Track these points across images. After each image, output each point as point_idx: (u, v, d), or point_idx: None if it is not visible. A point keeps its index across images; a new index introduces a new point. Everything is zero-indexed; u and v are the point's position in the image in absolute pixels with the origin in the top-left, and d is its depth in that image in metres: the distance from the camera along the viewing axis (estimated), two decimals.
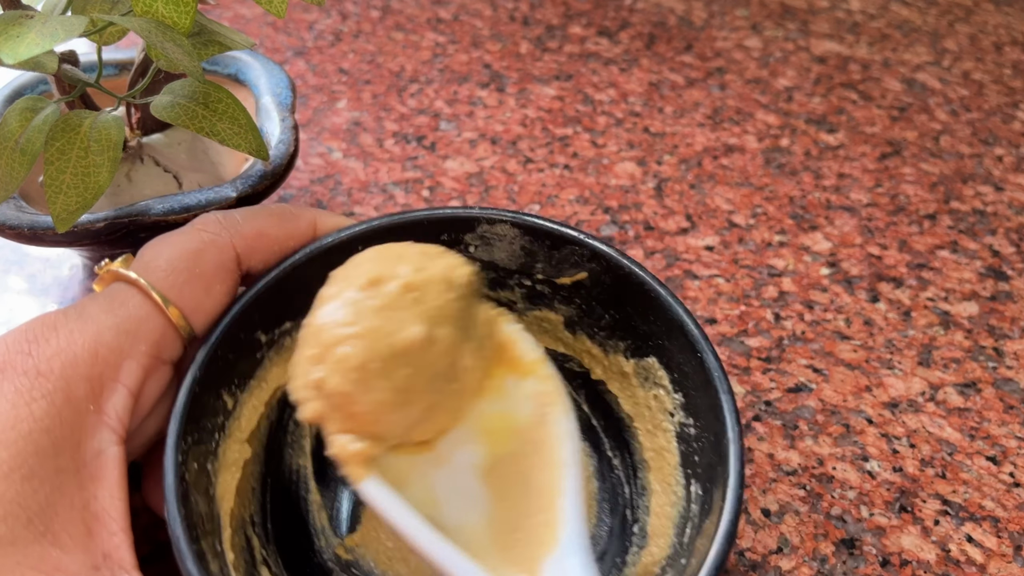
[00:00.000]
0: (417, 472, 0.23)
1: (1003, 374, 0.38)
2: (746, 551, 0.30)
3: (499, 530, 0.22)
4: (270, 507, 0.27)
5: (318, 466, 0.29)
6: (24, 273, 0.39)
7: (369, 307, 0.21)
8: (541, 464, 0.23)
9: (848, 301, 0.41)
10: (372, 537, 0.28)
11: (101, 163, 0.28)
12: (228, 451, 0.25)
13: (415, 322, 0.21)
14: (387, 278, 0.22)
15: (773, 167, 0.49)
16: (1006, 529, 0.31)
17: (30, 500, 0.20)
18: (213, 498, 0.24)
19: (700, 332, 0.25)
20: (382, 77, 0.55)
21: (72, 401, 0.22)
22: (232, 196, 0.32)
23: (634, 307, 0.27)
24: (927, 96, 0.57)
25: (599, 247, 0.27)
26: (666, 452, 0.27)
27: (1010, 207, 0.48)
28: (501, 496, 0.23)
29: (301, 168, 0.46)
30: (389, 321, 0.21)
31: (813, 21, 0.65)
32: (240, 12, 0.60)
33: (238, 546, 0.24)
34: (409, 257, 0.23)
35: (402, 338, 0.21)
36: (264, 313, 0.27)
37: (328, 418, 0.21)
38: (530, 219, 0.28)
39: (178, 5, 0.27)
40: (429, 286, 0.22)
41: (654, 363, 0.27)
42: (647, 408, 0.28)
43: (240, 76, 0.40)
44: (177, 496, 0.22)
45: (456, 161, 0.48)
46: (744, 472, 0.23)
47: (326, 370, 0.21)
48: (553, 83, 0.55)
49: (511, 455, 0.23)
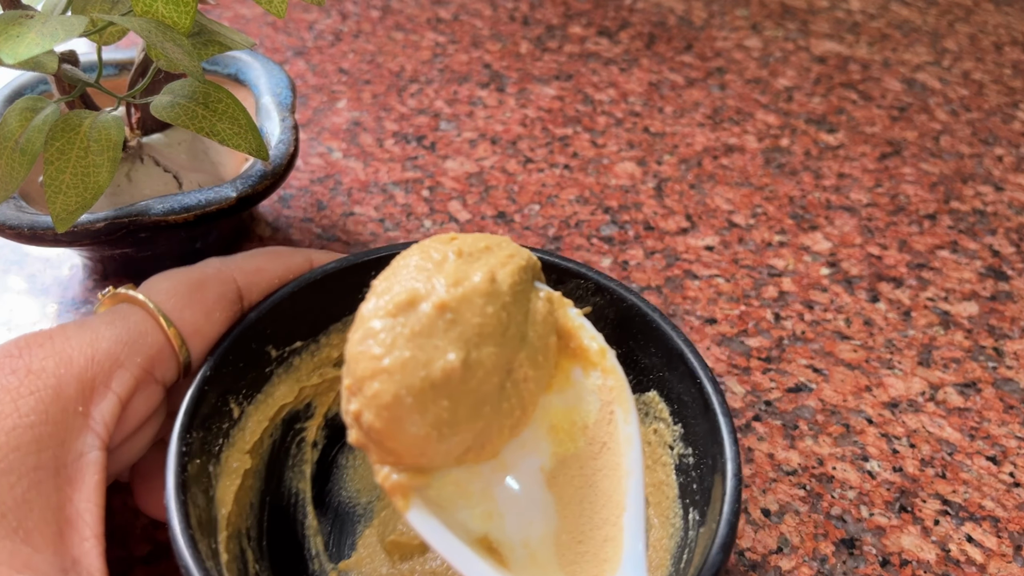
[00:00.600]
0: (479, 483, 0.21)
1: (1003, 374, 0.38)
2: (746, 551, 0.30)
3: (563, 543, 0.21)
4: (267, 526, 0.27)
5: (317, 492, 0.29)
6: (24, 273, 0.39)
7: (401, 335, 0.20)
8: (606, 469, 0.22)
9: (848, 301, 0.41)
10: (367, 563, 0.28)
11: (101, 163, 0.28)
12: (230, 458, 0.26)
13: (450, 348, 0.20)
14: (421, 298, 0.20)
15: (773, 167, 0.49)
16: (1006, 529, 0.31)
17: (6, 495, 0.20)
18: (212, 500, 0.24)
19: (699, 360, 0.25)
20: (382, 77, 0.55)
21: (61, 399, 0.22)
22: (232, 196, 0.32)
23: (636, 340, 0.27)
24: (927, 96, 0.57)
25: (604, 281, 0.28)
26: (664, 486, 0.27)
27: (1010, 207, 0.48)
28: (565, 503, 0.22)
29: (301, 168, 0.46)
30: (422, 350, 0.19)
31: (813, 21, 0.65)
32: (240, 12, 0.60)
33: (232, 552, 0.24)
34: (447, 267, 0.21)
35: (436, 369, 0.19)
36: (276, 327, 0.27)
37: (369, 449, 0.20)
38: (536, 253, 0.27)
39: (178, 5, 0.27)
40: (466, 303, 0.20)
41: (655, 397, 0.27)
42: (647, 444, 0.28)
43: (240, 76, 0.40)
44: (177, 483, 0.22)
45: (456, 161, 0.48)
46: (741, 474, 0.23)
47: (360, 405, 0.20)
48: (553, 83, 0.55)
49: (576, 456, 0.22)
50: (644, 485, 0.21)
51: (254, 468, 0.27)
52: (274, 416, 0.28)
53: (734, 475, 0.23)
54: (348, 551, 0.29)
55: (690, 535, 0.24)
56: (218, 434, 0.25)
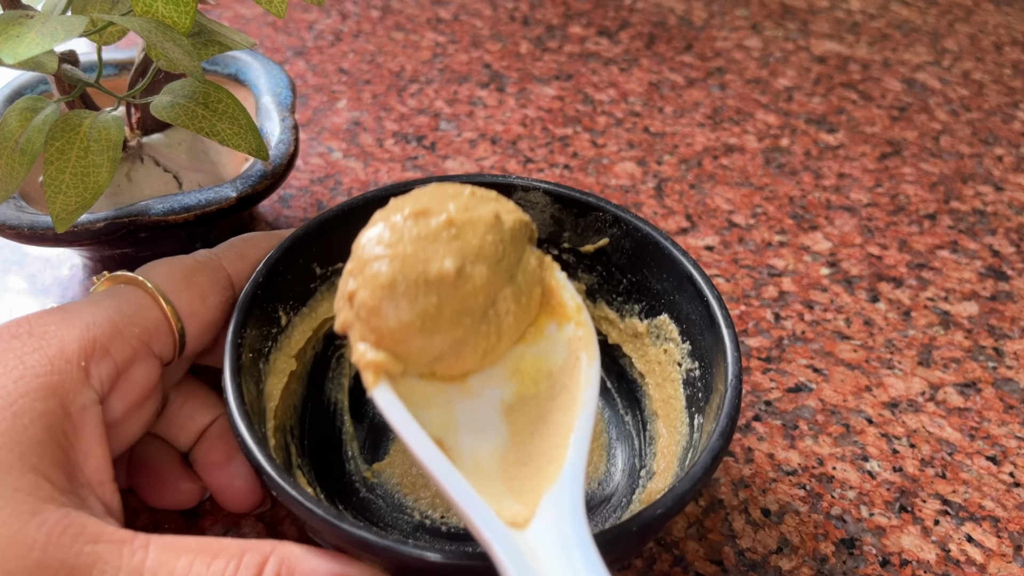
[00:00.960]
0: (442, 397, 0.24)
1: (1003, 374, 0.38)
2: (746, 551, 0.30)
3: (509, 462, 0.23)
4: (308, 427, 0.30)
5: (354, 402, 0.32)
6: (24, 273, 0.39)
7: (409, 234, 0.22)
8: (563, 406, 0.23)
9: (848, 301, 0.41)
10: (398, 465, 0.31)
11: (101, 163, 0.28)
12: (278, 360, 0.28)
13: (449, 256, 0.22)
14: (434, 212, 0.23)
15: (773, 167, 0.49)
16: (1006, 529, 0.31)
17: (22, 435, 0.21)
18: (262, 392, 0.27)
19: (706, 281, 0.28)
20: (382, 77, 0.55)
21: (64, 354, 0.23)
22: (232, 196, 0.32)
23: (649, 268, 0.30)
24: (927, 96, 0.57)
25: (620, 213, 0.30)
26: (673, 399, 0.29)
27: (1010, 207, 0.48)
28: (518, 431, 0.24)
29: (301, 168, 0.46)
30: (424, 251, 0.22)
31: (813, 21, 0.65)
32: (240, 12, 0.60)
33: (279, 442, 0.27)
34: (461, 198, 0.24)
35: (432, 268, 0.22)
36: (321, 246, 0.29)
37: (354, 327, 0.22)
38: (560, 188, 0.31)
39: (178, 5, 0.27)
40: (470, 225, 0.23)
41: (665, 319, 0.30)
42: (657, 364, 0.30)
43: (240, 76, 0.40)
44: (233, 368, 0.25)
45: (456, 161, 0.48)
46: (741, 376, 0.25)
47: (358, 283, 0.22)
48: (553, 83, 0.55)
49: (536, 396, 0.24)
50: (593, 418, 0.23)
51: (298, 373, 0.30)
52: (317, 329, 0.30)
53: (734, 376, 0.25)
54: (382, 455, 0.31)
55: (695, 437, 0.27)
56: (267, 337, 0.28)
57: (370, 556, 0.21)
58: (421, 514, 0.30)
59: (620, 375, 0.32)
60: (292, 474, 0.27)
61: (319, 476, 0.29)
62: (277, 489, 0.22)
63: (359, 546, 0.21)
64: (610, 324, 0.32)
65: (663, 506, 0.22)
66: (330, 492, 0.29)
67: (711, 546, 0.30)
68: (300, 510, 0.21)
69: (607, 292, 0.32)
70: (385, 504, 0.30)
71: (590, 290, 0.32)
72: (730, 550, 0.30)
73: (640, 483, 0.29)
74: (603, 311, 0.32)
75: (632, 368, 0.32)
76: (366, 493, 0.30)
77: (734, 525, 0.31)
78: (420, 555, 0.20)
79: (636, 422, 0.31)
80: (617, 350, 0.32)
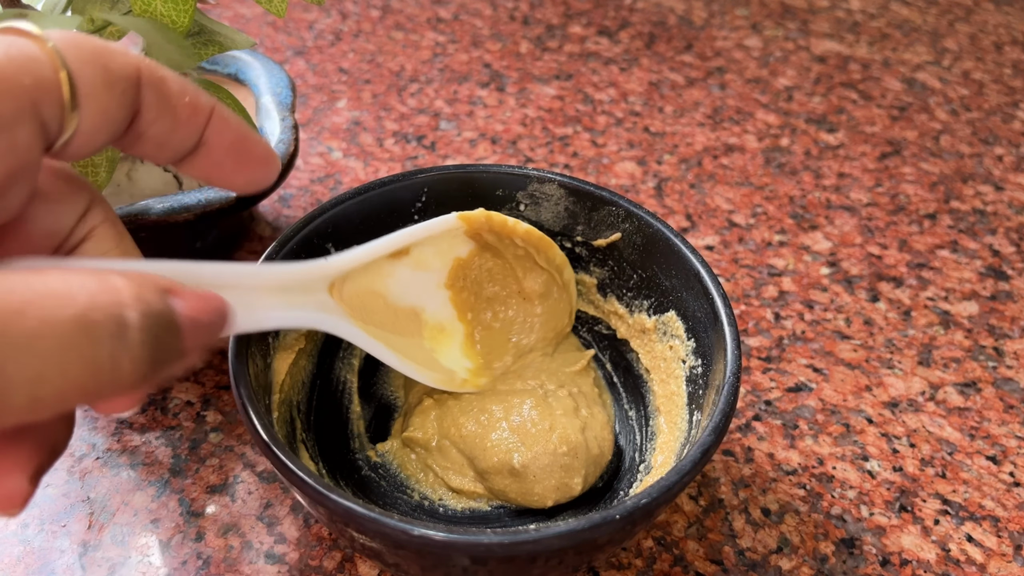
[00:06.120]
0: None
1: (1003, 374, 0.37)
2: (746, 551, 0.30)
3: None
4: (315, 404, 0.31)
5: (363, 384, 0.33)
6: None
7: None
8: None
9: (848, 301, 0.41)
10: (400, 447, 0.31)
11: (100, 162, 0.28)
12: (287, 335, 0.29)
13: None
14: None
15: (773, 167, 0.49)
16: (1006, 529, 0.31)
17: None
18: (269, 366, 0.27)
19: (713, 279, 0.28)
20: (382, 77, 0.55)
21: None
22: (232, 195, 0.32)
23: (659, 264, 0.30)
24: (927, 96, 0.57)
25: (632, 208, 0.30)
26: (675, 396, 0.29)
27: (1010, 207, 0.48)
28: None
29: (301, 167, 0.46)
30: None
31: (813, 21, 0.65)
32: (240, 12, 0.60)
33: (283, 415, 0.27)
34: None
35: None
36: (336, 231, 0.30)
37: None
38: (575, 181, 0.31)
39: (177, 4, 0.27)
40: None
41: (672, 316, 0.30)
42: (663, 360, 0.31)
43: (240, 76, 0.40)
44: (238, 337, 0.25)
45: (456, 161, 0.48)
46: (740, 373, 0.25)
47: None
48: (553, 83, 0.55)
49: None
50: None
51: (308, 350, 0.30)
52: None
53: (732, 373, 0.25)
54: (386, 435, 0.32)
55: (692, 433, 0.27)
56: None
57: (357, 530, 0.21)
58: (420, 495, 0.30)
59: (627, 370, 0.33)
60: (295, 448, 0.27)
61: (323, 452, 0.30)
62: (253, 433, 0.23)
63: (344, 518, 0.21)
64: (619, 319, 0.33)
65: (648, 496, 0.22)
66: (332, 468, 0.29)
67: (711, 546, 0.30)
68: (276, 463, 0.22)
69: (617, 287, 0.32)
70: (387, 484, 0.30)
71: (601, 284, 0.33)
72: (730, 550, 0.30)
73: (638, 477, 0.29)
74: (613, 306, 0.33)
75: (639, 364, 0.32)
76: (368, 472, 0.31)
77: (734, 525, 0.31)
78: (404, 528, 0.20)
79: (640, 417, 0.32)
80: (625, 345, 0.33)
